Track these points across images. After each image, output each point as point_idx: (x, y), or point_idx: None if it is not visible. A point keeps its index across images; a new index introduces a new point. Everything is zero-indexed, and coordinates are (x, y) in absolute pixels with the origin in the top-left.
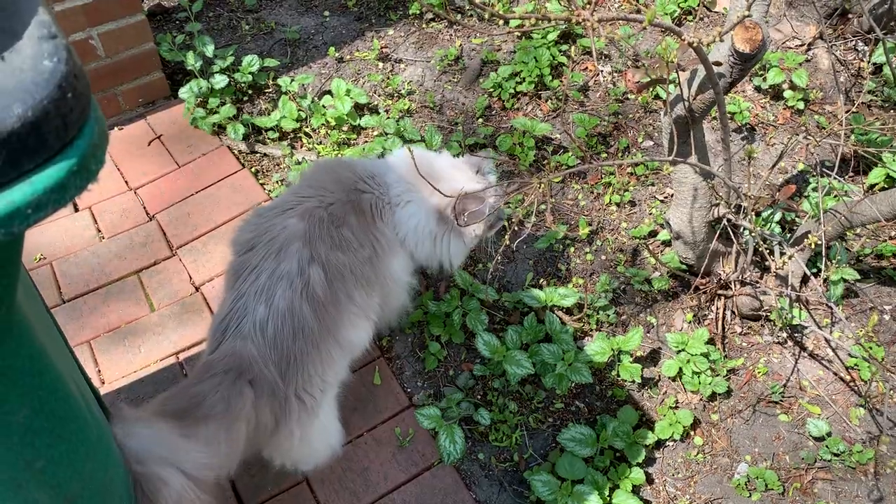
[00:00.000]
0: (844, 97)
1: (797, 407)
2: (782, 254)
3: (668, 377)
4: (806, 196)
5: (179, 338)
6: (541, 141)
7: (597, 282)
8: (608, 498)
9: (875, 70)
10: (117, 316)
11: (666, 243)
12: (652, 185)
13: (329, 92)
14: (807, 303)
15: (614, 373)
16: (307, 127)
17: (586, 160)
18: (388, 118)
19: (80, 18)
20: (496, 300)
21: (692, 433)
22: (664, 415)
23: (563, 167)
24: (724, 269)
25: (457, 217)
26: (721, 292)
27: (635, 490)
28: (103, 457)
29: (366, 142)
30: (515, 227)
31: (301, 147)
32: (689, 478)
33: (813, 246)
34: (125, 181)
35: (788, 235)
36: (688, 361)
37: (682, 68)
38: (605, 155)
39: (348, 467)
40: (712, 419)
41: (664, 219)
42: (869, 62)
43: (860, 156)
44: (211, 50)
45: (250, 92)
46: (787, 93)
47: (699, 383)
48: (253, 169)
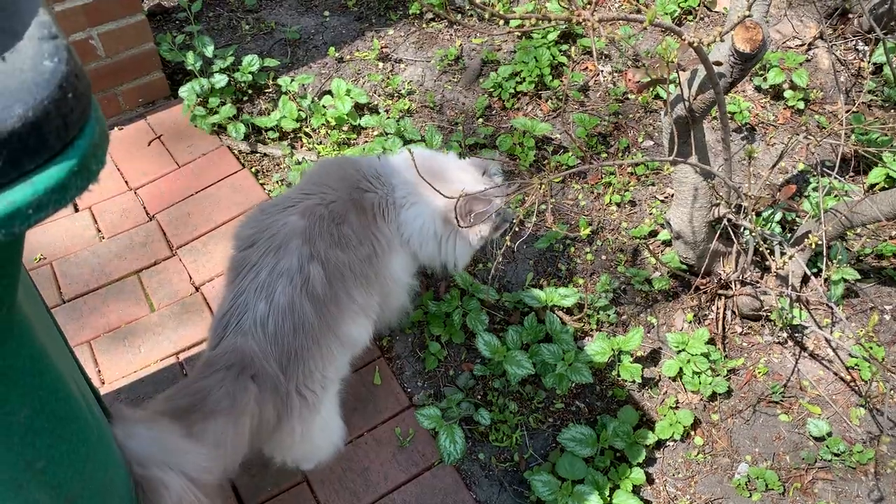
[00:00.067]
0: (845, 97)
1: (797, 407)
2: (783, 254)
3: (669, 377)
4: (806, 196)
5: (179, 338)
6: (541, 141)
7: (597, 282)
8: (608, 498)
9: (875, 70)
10: (117, 316)
11: (666, 243)
12: (652, 185)
13: (329, 92)
14: (807, 303)
15: (615, 373)
16: (307, 127)
17: (586, 160)
18: (389, 118)
19: (81, 18)
20: (496, 300)
21: (692, 433)
22: (664, 415)
23: (564, 167)
24: (725, 269)
25: (458, 218)
26: (721, 292)
27: (636, 490)
28: (104, 457)
29: (366, 142)
30: (516, 228)
31: (301, 147)
32: (690, 478)
33: (813, 246)
34: (125, 181)
35: (789, 235)
36: (688, 361)
37: (683, 68)
38: (606, 155)
39: (348, 467)
40: (713, 419)
41: (664, 219)
42: (869, 62)
43: (860, 156)
44: (211, 50)
45: (250, 92)
46: (788, 93)
47: (699, 383)
48: (253, 169)
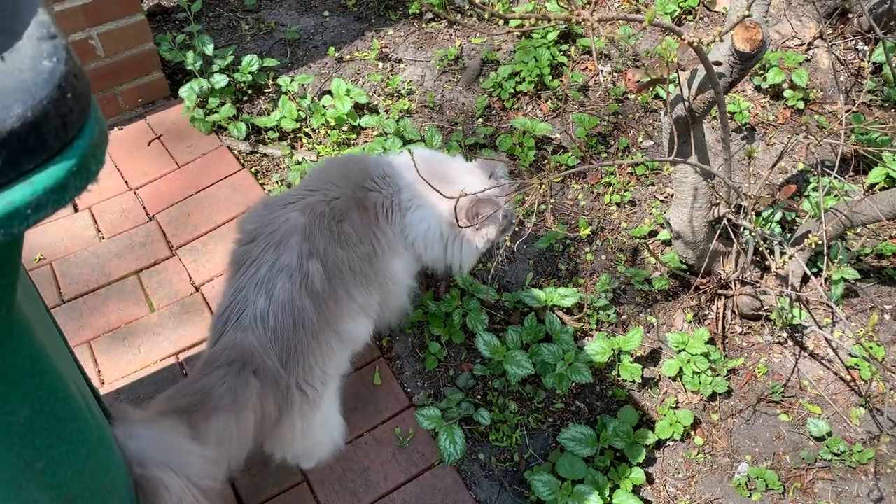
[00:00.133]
0: (844, 97)
1: (797, 407)
2: (782, 253)
3: (669, 377)
4: (806, 195)
5: (179, 338)
6: (541, 141)
7: (597, 282)
8: (608, 498)
9: (875, 69)
10: (117, 316)
11: (666, 243)
12: (652, 185)
13: (329, 92)
14: (807, 302)
15: (614, 373)
16: (307, 127)
17: (586, 160)
18: (388, 118)
19: (80, 18)
20: (496, 300)
21: (692, 433)
22: (664, 415)
23: (563, 167)
24: (725, 269)
25: (458, 218)
26: (721, 292)
27: (636, 490)
28: (104, 458)
29: (366, 142)
30: (516, 228)
31: (301, 147)
32: (690, 478)
33: (813, 245)
34: (125, 181)
35: (789, 235)
36: (688, 361)
37: (683, 68)
38: (605, 155)
39: (348, 467)
40: (713, 419)
41: (664, 218)
42: (869, 62)
43: (860, 155)
44: (211, 50)
45: (250, 92)
46: (788, 92)
47: (699, 383)
48: (253, 169)
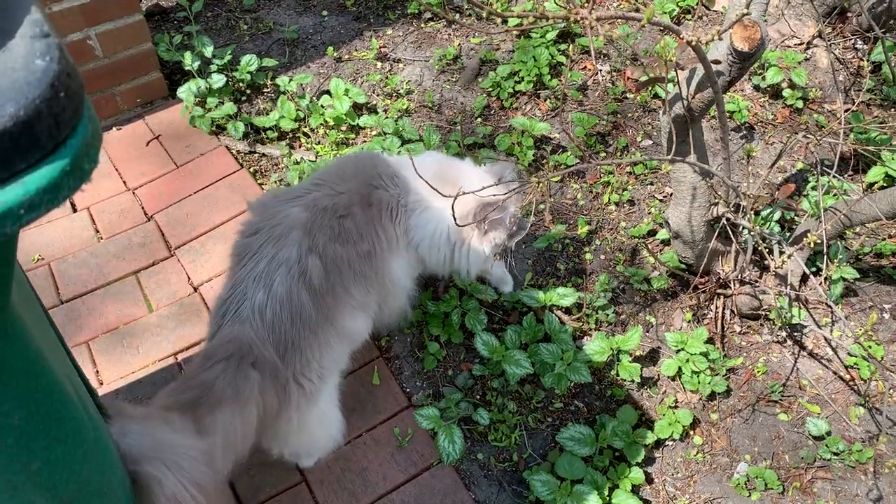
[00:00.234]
0: (843, 96)
1: (797, 406)
2: (781, 253)
3: (668, 376)
4: (805, 195)
5: (178, 338)
6: (539, 140)
7: (596, 281)
8: (608, 498)
9: (874, 68)
10: (115, 316)
11: (665, 242)
12: (651, 185)
13: (327, 92)
14: (806, 302)
15: (613, 372)
16: (306, 127)
17: (585, 159)
18: (387, 118)
19: (78, 18)
20: (495, 300)
21: (691, 433)
22: (663, 414)
23: (562, 166)
24: (724, 269)
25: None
26: (720, 291)
27: (635, 490)
28: (100, 459)
29: (364, 141)
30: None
31: (299, 147)
32: (689, 477)
33: (812, 245)
34: (123, 181)
35: (788, 234)
36: (687, 361)
37: (681, 67)
38: (604, 154)
39: (347, 467)
40: (712, 418)
41: (663, 218)
42: (868, 61)
43: (859, 154)
44: (210, 50)
45: (249, 92)
46: (786, 91)
47: (698, 382)
48: (251, 169)
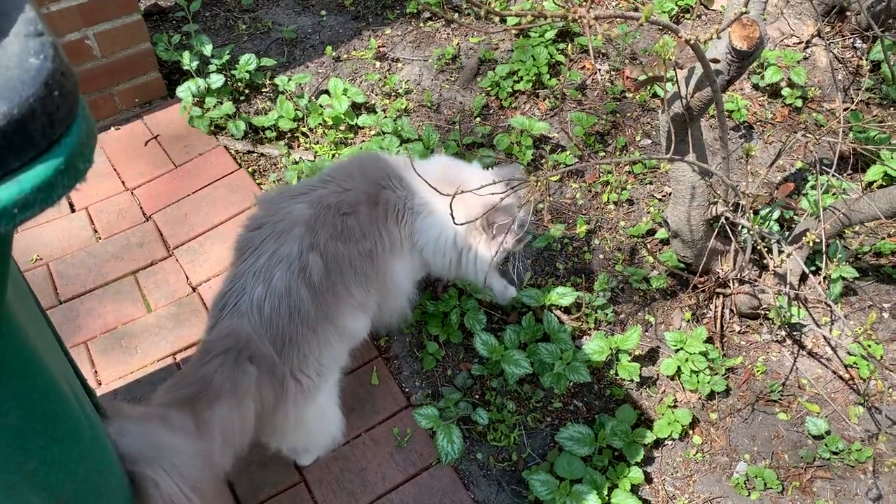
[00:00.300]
0: (843, 95)
1: (796, 405)
2: (781, 252)
3: (667, 376)
4: (804, 194)
5: (176, 338)
6: (538, 140)
7: (595, 281)
8: (607, 497)
9: (873, 67)
10: (114, 317)
11: (664, 242)
12: (650, 184)
13: (326, 91)
14: (805, 301)
15: (613, 372)
16: (304, 126)
17: (584, 159)
18: (386, 117)
19: (76, 18)
20: (494, 299)
21: (691, 432)
22: (663, 414)
23: (561, 166)
24: (723, 268)
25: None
26: (719, 291)
27: (634, 489)
28: (97, 458)
29: (363, 141)
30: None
31: (298, 147)
32: (688, 477)
33: (811, 244)
34: (122, 181)
35: (787, 233)
36: (686, 360)
37: (680, 66)
38: (603, 153)
39: (346, 467)
40: (711, 418)
41: (662, 217)
42: (867, 59)
43: (858, 153)
44: (209, 50)
45: (247, 91)
46: (785, 90)
47: (698, 382)
48: (250, 169)
